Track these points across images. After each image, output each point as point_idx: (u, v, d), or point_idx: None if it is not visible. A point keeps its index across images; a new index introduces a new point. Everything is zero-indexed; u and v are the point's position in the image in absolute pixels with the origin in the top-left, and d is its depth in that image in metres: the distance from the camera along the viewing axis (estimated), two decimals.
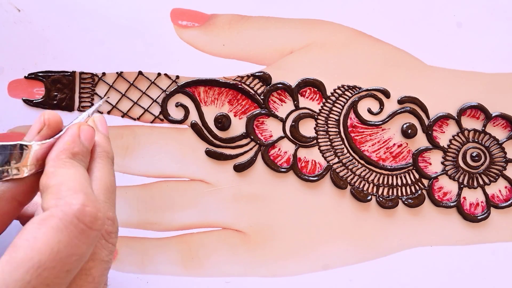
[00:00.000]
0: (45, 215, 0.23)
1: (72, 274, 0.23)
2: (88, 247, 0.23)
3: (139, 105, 0.37)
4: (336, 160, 0.37)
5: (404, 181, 0.37)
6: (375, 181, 0.37)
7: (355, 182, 0.37)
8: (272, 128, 0.37)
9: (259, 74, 0.37)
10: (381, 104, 0.37)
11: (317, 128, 0.37)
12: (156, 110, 0.37)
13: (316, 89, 0.37)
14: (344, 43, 0.37)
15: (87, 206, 0.23)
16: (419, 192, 0.37)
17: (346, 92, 0.37)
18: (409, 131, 0.37)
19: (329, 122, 0.37)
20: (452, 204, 0.37)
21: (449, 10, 0.37)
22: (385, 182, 0.37)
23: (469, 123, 0.37)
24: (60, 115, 0.36)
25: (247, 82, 0.37)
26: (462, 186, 0.37)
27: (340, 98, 0.37)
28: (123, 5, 0.36)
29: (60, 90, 0.36)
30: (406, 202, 0.37)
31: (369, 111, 0.37)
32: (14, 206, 0.26)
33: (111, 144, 0.36)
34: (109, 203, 0.26)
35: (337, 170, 0.37)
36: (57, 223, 0.22)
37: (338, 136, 0.37)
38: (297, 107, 0.37)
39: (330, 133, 0.37)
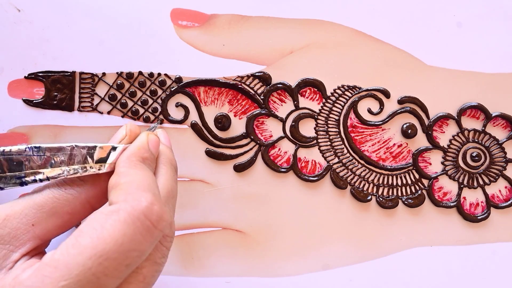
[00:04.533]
0: (115, 207, 0.23)
1: (130, 269, 0.23)
2: (149, 245, 0.24)
3: (139, 105, 0.37)
4: (336, 160, 0.37)
5: (404, 181, 0.37)
6: (375, 181, 0.37)
7: (355, 182, 0.37)
8: (272, 128, 0.37)
9: (259, 74, 0.37)
10: (381, 104, 0.37)
11: (317, 128, 0.37)
12: (156, 110, 0.37)
13: (316, 89, 0.37)
14: (344, 43, 0.37)
15: (155, 205, 0.24)
16: (419, 192, 0.37)
17: (346, 92, 0.37)
18: (409, 131, 0.37)
19: (329, 122, 0.37)
20: (452, 204, 0.37)
21: (449, 10, 0.37)
22: (385, 182, 0.37)
23: (469, 123, 0.37)
24: (60, 115, 0.36)
25: (247, 82, 0.37)
26: (462, 186, 0.37)
27: (340, 98, 0.37)
28: (123, 5, 0.36)
29: (60, 90, 0.36)
30: (406, 202, 0.37)
31: (369, 111, 0.37)
32: (86, 208, 0.27)
33: None
34: (169, 208, 0.27)
35: (337, 170, 0.37)
36: (125, 216, 0.23)
37: (338, 136, 0.37)
38: (297, 107, 0.37)
39: (330, 133, 0.37)
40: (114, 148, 0.28)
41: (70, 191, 0.27)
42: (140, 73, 0.37)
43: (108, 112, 0.37)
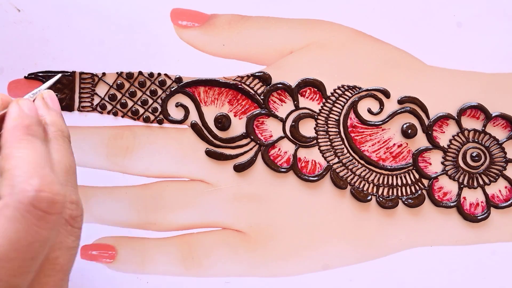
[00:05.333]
0: (0, 205, 0.22)
1: (38, 260, 0.22)
2: (49, 232, 0.23)
3: (139, 105, 0.37)
4: (336, 160, 0.37)
5: (404, 181, 0.37)
6: (375, 181, 0.37)
7: (355, 182, 0.37)
8: (272, 128, 0.37)
9: (259, 74, 0.37)
10: (381, 104, 0.37)
11: (317, 128, 0.37)
12: (156, 110, 0.37)
13: (316, 89, 0.37)
14: (344, 43, 0.37)
15: (43, 191, 0.22)
16: (419, 192, 0.37)
17: (346, 92, 0.37)
18: (409, 131, 0.37)
19: (329, 122, 0.37)
20: (452, 204, 0.37)
21: (449, 10, 0.37)
22: (385, 182, 0.37)
23: (469, 123, 0.37)
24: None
25: (247, 82, 0.37)
26: (462, 186, 0.37)
27: (340, 98, 0.37)
28: (123, 5, 0.36)
29: (60, 90, 0.36)
30: (406, 202, 0.37)
31: (369, 111, 0.37)
32: None
33: (114, 145, 0.36)
34: (70, 186, 0.25)
35: (337, 170, 0.37)
36: (13, 212, 0.22)
37: (338, 136, 0.37)
38: (297, 107, 0.37)
39: (330, 133, 0.37)
40: None
41: None
42: (140, 73, 0.37)
43: (108, 112, 0.37)
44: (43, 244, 0.22)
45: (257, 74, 0.37)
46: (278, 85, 0.37)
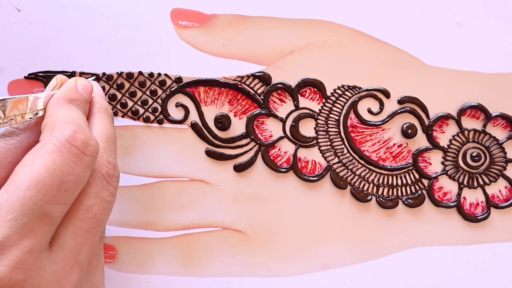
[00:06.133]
0: (41, 143, 0.25)
1: (70, 194, 0.25)
2: (83, 170, 0.25)
3: (139, 105, 0.37)
4: (336, 160, 0.37)
5: (404, 181, 0.37)
6: (375, 181, 0.37)
7: (355, 182, 0.37)
8: (272, 128, 0.37)
9: (259, 74, 0.37)
10: (381, 104, 0.37)
11: (317, 128, 0.37)
12: (156, 110, 0.37)
13: (316, 89, 0.37)
14: (344, 43, 0.37)
15: (78, 132, 0.25)
16: (419, 192, 0.37)
17: (346, 92, 0.37)
18: (409, 131, 0.37)
19: (329, 122, 0.37)
20: (452, 204, 0.37)
21: (449, 10, 0.37)
22: (385, 182, 0.37)
23: (469, 123, 0.37)
24: None
25: (247, 82, 0.37)
26: (462, 186, 0.37)
27: (340, 98, 0.37)
28: (123, 5, 0.36)
29: None
30: (406, 202, 0.37)
31: (369, 111, 0.37)
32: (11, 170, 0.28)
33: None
34: (109, 150, 0.29)
35: (337, 170, 0.37)
36: (51, 147, 0.25)
37: (338, 136, 0.37)
38: (297, 107, 0.37)
39: (330, 133, 0.37)
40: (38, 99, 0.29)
41: (10, 141, 0.28)
42: (140, 73, 0.37)
43: None
44: (76, 179, 0.25)
45: (257, 74, 0.37)
46: (278, 85, 0.37)
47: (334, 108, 0.37)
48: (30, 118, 0.29)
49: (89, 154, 0.25)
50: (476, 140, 0.37)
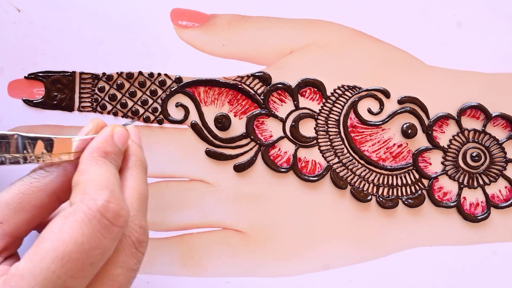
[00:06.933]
0: (71, 209, 0.24)
1: (96, 267, 0.24)
2: (110, 242, 0.24)
3: (139, 105, 0.37)
4: (336, 160, 0.37)
5: (404, 181, 0.37)
6: (375, 181, 0.37)
7: (355, 182, 0.37)
8: (272, 128, 0.37)
9: (259, 74, 0.37)
10: (381, 104, 0.37)
11: (317, 128, 0.37)
12: (156, 110, 0.37)
13: (316, 89, 0.37)
14: (344, 43, 0.37)
15: (111, 202, 0.24)
16: (419, 192, 0.37)
17: (346, 92, 0.37)
18: (409, 131, 0.37)
19: (329, 122, 0.37)
20: (452, 204, 0.37)
21: (449, 10, 0.37)
22: (385, 182, 0.37)
23: (469, 123, 0.37)
24: (60, 115, 0.36)
25: (247, 82, 0.37)
26: (462, 186, 0.37)
27: (340, 98, 0.37)
28: (123, 5, 0.36)
29: (60, 90, 0.36)
30: (406, 202, 0.37)
31: (369, 111, 0.37)
32: (53, 200, 0.27)
33: None
34: (142, 212, 0.27)
35: (337, 170, 0.37)
36: (82, 216, 0.23)
37: (338, 136, 0.37)
38: (297, 107, 0.37)
39: (330, 133, 0.37)
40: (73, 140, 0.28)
41: (35, 184, 0.27)
42: (140, 73, 0.37)
43: (108, 112, 0.37)
44: (103, 252, 0.24)
45: (257, 74, 0.37)
46: (278, 85, 0.37)
47: (334, 108, 0.37)
48: (59, 160, 0.27)
49: (120, 225, 0.24)
50: (476, 140, 0.37)
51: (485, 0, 0.37)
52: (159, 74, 0.37)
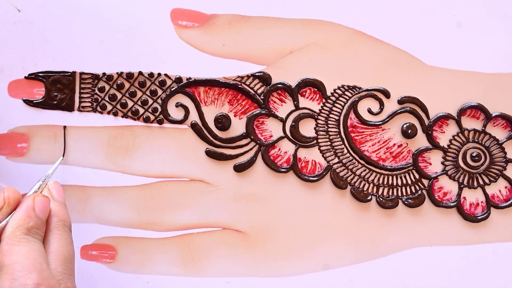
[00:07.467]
0: None
1: None
2: None
3: (139, 105, 0.37)
4: (336, 160, 0.37)
5: (404, 181, 0.37)
6: (375, 181, 0.37)
7: (355, 182, 0.37)
8: (272, 128, 0.37)
9: (259, 74, 0.37)
10: (381, 104, 0.37)
11: (317, 128, 0.37)
12: (156, 110, 0.37)
13: (316, 89, 0.37)
14: (344, 43, 0.37)
15: (41, 285, 0.24)
16: (419, 192, 0.37)
17: (346, 92, 0.37)
18: (409, 131, 0.37)
19: (329, 122, 0.37)
20: (452, 204, 0.37)
21: (449, 10, 0.37)
22: (385, 182, 0.37)
23: (469, 123, 0.37)
24: (60, 115, 0.36)
25: (247, 82, 0.37)
26: (462, 186, 0.37)
27: (340, 98, 0.37)
28: (123, 5, 0.36)
29: (60, 90, 0.36)
30: (406, 202, 0.37)
31: (369, 111, 0.37)
32: None
33: (114, 145, 0.36)
34: (67, 274, 0.27)
35: (337, 170, 0.37)
36: None
37: (338, 136, 0.37)
38: (297, 107, 0.37)
39: (330, 133, 0.37)
40: None
41: None
42: (140, 73, 0.37)
43: (109, 112, 0.37)
44: None
45: (257, 74, 0.37)
46: (278, 85, 0.37)
47: (334, 108, 0.37)
48: None
49: None
50: (476, 140, 0.37)
51: (485, 0, 0.37)
52: (159, 74, 0.37)
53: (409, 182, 0.37)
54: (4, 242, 0.27)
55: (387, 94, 0.37)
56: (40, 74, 0.36)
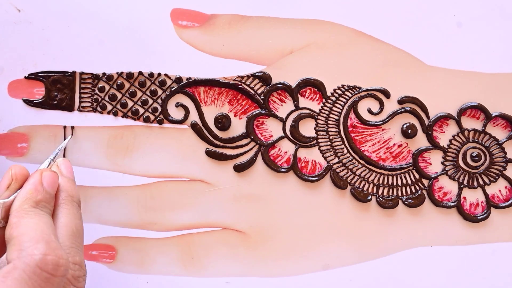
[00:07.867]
0: (9, 268, 0.24)
1: None
2: None
3: (139, 105, 0.37)
4: (336, 160, 0.37)
5: (404, 181, 0.37)
6: (375, 181, 0.37)
7: (355, 182, 0.37)
8: (272, 128, 0.37)
9: (259, 74, 0.37)
10: (381, 104, 0.37)
11: (317, 128, 0.37)
12: (156, 110, 0.37)
13: (316, 89, 0.37)
14: (344, 43, 0.37)
15: (49, 254, 0.24)
16: (419, 192, 0.37)
17: (346, 92, 0.37)
18: (409, 131, 0.37)
19: (329, 122, 0.37)
20: (452, 204, 0.37)
21: (449, 10, 0.37)
22: (385, 182, 0.37)
23: (469, 123, 0.37)
24: (60, 115, 0.36)
25: (247, 82, 0.37)
26: (462, 186, 0.37)
27: (340, 98, 0.37)
28: (123, 5, 0.36)
29: (60, 90, 0.36)
30: (406, 202, 0.37)
31: (369, 111, 0.37)
32: None
33: (114, 145, 0.36)
34: (75, 248, 0.27)
35: (337, 170, 0.37)
36: (21, 274, 0.23)
37: (338, 136, 0.37)
38: (297, 107, 0.37)
39: (330, 133, 0.37)
40: None
41: None
42: (140, 73, 0.37)
43: (109, 112, 0.37)
44: None
45: (257, 74, 0.37)
46: (278, 85, 0.37)
47: (334, 108, 0.37)
48: None
49: (60, 275, 0.24)
50: (476, 140, 0.37)
51: (485, 0, 0.37)
52: (159, 74, 0.37)
53: (409, 182, 0.37)
54: (13, 215, 0.27)
55: (387, 94, 0.37)
56: (40, 74, 0.36)
